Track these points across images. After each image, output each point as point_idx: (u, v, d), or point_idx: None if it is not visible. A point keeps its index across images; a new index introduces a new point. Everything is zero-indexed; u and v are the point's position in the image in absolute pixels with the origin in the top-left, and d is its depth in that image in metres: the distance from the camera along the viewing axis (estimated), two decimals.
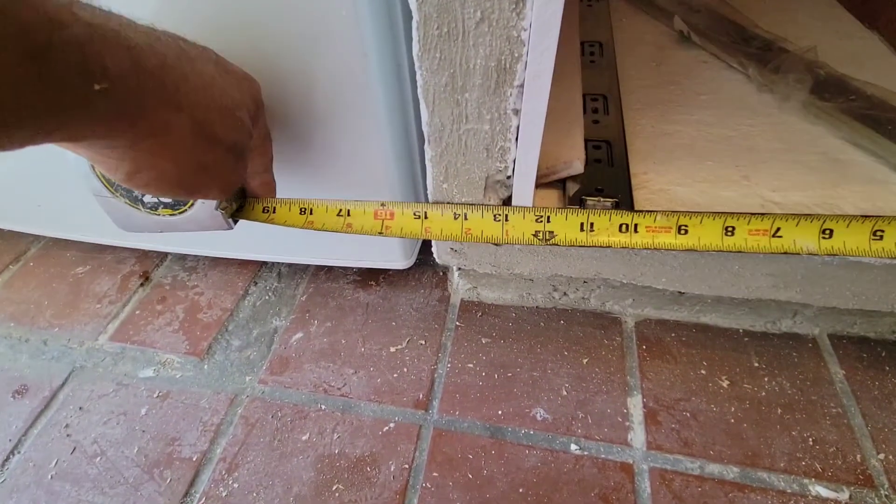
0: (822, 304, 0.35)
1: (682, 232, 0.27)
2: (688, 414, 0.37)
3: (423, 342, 0.42)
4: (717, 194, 0.32)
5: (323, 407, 0.39)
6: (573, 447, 0.35)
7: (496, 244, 0.32)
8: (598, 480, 0.34)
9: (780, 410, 0.36)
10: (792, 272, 0.33)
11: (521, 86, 0.26)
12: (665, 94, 0.41)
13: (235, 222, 0.31)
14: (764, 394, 0.37)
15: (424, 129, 0.30)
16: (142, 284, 0.49)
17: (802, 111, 0.37)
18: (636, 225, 0.28)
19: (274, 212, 0.31)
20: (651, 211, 0.28)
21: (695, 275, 0.35)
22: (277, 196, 0.32)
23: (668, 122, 0.38)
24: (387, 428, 0.37)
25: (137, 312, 0.47)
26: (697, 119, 0.38)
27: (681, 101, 0.40)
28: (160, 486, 0.35)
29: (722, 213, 0.27)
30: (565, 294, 0.44)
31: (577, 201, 0.31)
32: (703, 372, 0.39)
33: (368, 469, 0.35)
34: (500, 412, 0.38)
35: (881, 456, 0.34)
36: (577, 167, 0.31)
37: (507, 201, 0.32)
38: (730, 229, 0.27)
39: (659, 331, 0.42)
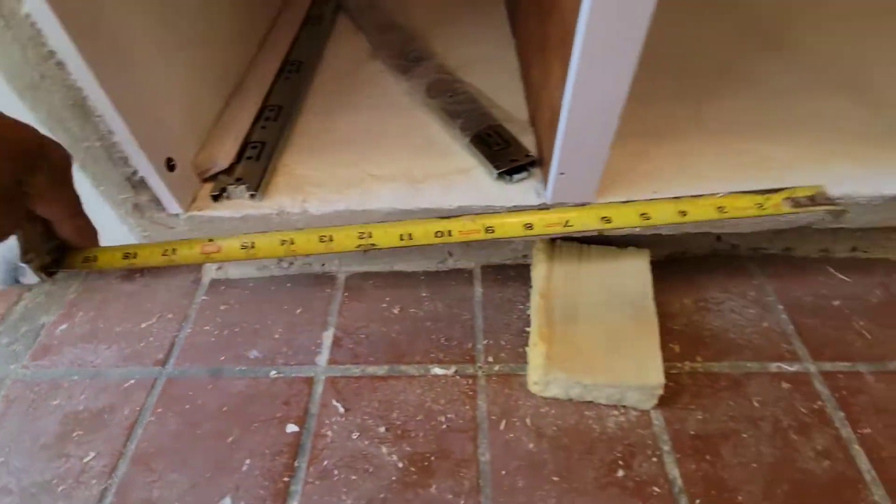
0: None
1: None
2: (363, 336, 0.50)
3: (171, 315, 0.52)
4: (333, 172, 0.45)
5: (76, 378, 0.48)
6: (272, 373, 0.47)
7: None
8: (285, 391, 0.46)
9: (429, 324, 0.51)
10: None
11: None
12: (343, 100, 0.54)
13: (51, 274, 0.30)
14: (422, 314, 0.51)
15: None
16: None
17: (424, 108, 0.51)
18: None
19: (95, 260, 0.31)
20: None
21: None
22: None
23: (333, 122, 0.51)
24: (127, 384, 0.47)
25: None
26: (356, 119, 0.51)
27: (352, 105, 0.53)
28: None
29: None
30: (292, 263, 0.55)
31: (220, 190, 0.42)
32: (384, 305, 0.52)
33: (106, 416, 0.45)
34: (222, 358, 0.48)
35: (485, 341, 0.49)
36: (221, 164, 0.43)
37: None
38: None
39: (361, 280, 0.55)
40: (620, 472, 0.40)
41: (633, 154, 0.46)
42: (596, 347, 0.42)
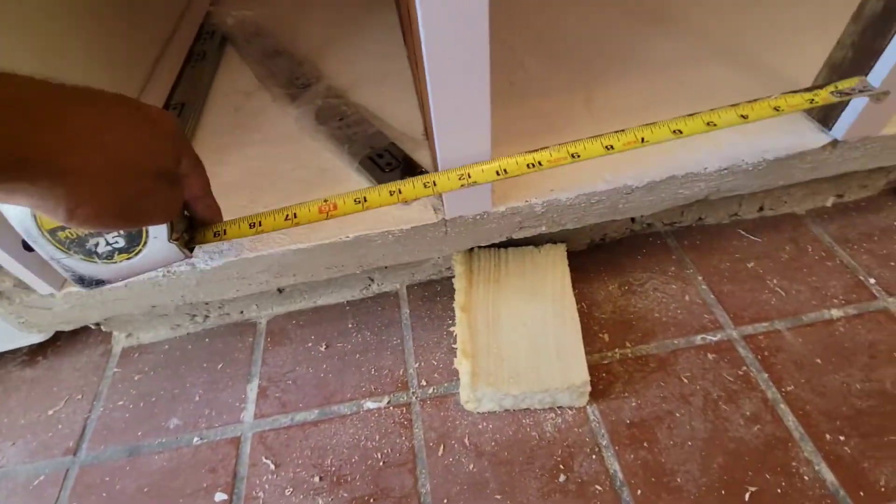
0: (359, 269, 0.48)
1: (575, 157, 0.34)
2: (290, 382, 0.47)
3: (81, 396, 0.48)
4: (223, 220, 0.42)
5: None
6: (195, 440, 0.44)
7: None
8: (210, 458, 0.43)
9: (358, 356, 0.49)
10: (346, 256, 0.45)
11: None
12: (232, 139, 0.51)
13: (191, 250, 0.32)
14: (350, 346, 0.50)
15: None
16: None
17: (314, 135, 0.49)
18: (539, 162, 0.34)
19: (225, 233, 0.33)
20: (545, 147, 0.34)
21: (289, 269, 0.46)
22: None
23: (222, 165, 0.48)
24: (37, 482, 0.43)
25: None
26: (246, 157, 0.49)
27: (241, 143, 0.51)
28: None
29: (599, 135, 0.34)
30: (207, 316, 0.52)
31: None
32: (309, 344, 0.50)
33: None
34: (139, 433, 0.45)
35: (416, 365, 0.47)
36: None
37: None
38: (609, 147, 0.34)
39: (284, 322, 0.53)
40: (562, 477, 0.39)
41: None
42: (520, 354, 0.41)
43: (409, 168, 0.43)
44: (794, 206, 0.56)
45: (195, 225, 0.33)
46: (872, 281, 0.49)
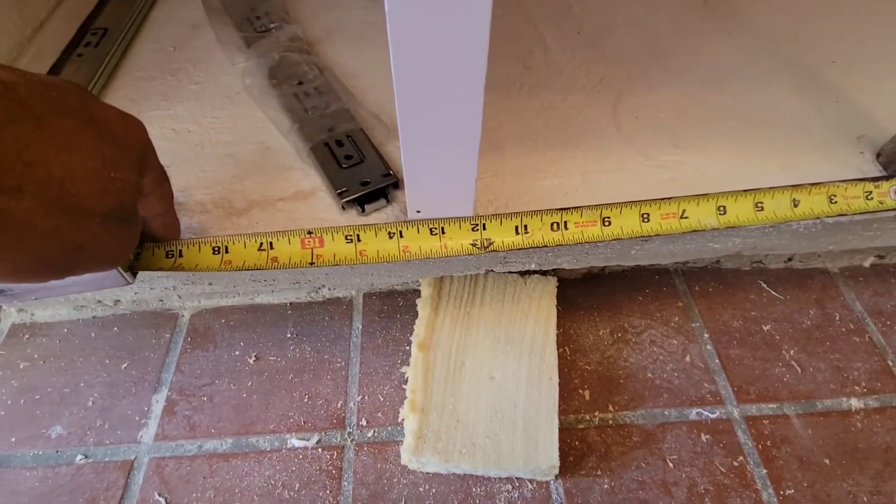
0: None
1: (606, 224, 0.30)
2: (205, 398, 0.40)
3: None
4: None
5: None
6: (78, 458, 0.36)
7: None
8: (93, 484, 0.35)
9: (291, 376, 0.41)
10: None
11: None
12: (158, 88, 0.40)
13: (135, 275, 0.28)
14: (284, 362, 0.41)
15: None
16: None
17: (263, 99, 0.38)
18: (566, 222, 0.30)
19: (181, 255, 0.28)
20: (576, 207, 0.30)
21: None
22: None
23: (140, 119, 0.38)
24: None
25: None
26: (171, 115, 0.38)
27: (168, 95, 0.40)
28: None
29: (637, 201, 0.30)
30: (118, 300, 0.44)
31: None
32: (236, 353, 0.42)
33: None
34: (13, 439, 0.37)
35: (359, 398, 0.40)
36: None
37: None
38: (645, 216, 0.30)
39: (211, 319, 0.44)
40: None
41: (536, 167, 0.36)
42: (480, 417, 0.34)
43: (373, 166, 0.33)
44: (827, 261, 0.48)
45: (142, 240, 0.27)
46: None
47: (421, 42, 0.20)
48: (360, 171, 0.32)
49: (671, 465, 0.37)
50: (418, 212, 0.28)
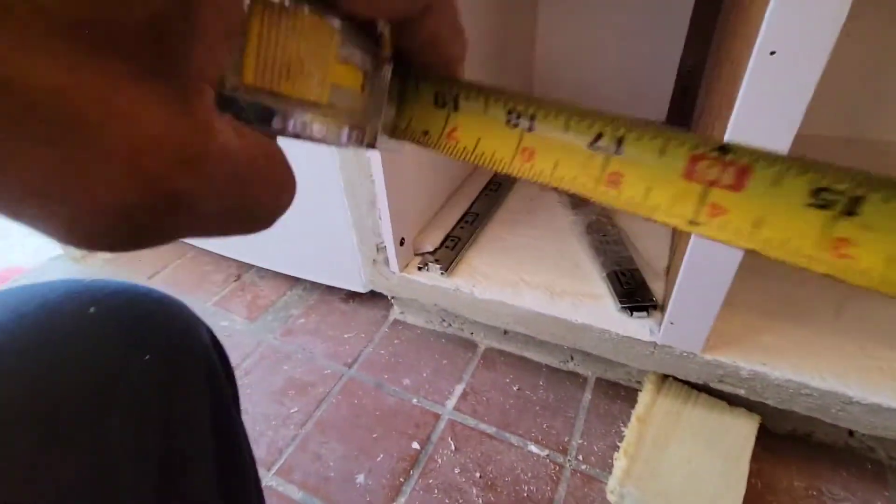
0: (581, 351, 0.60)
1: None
2: (485, 398, 0.63)
3: (363, 335, 0.74)
4: (498, 271, 0.61)
5: (300, 356, 0.71)
6: (414, 400, 0.63)
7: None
8: (419, 417, 0.61)
9: (538, 408, 0.61)
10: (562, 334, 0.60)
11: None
12: (522, 218, 0.71)
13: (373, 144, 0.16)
14: (535, 398, 0.62)
15: None
16: (235, 280, 0.88)
17: (580, 239, 0.64)
18: None
19: (455, 108, 0.15)
20: None
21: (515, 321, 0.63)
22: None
23: (510, 234, 0.68)
24: (326, 372, 0.68)
25: (229, 293, 0.85)
26: (528, 235, 0.68)
27: (527, 223, 0.70)
28: None
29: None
30: (449, 325, 0.73)
31: (424, 264, 0.62)
32: (507, 380, 0.65)
33: (309, 388, 0.66)
34: (386, 376, 0.67)
35: (580, 441, 0.57)
36: (428, 248, 0.63)
37: None
38: None
39: (496, 355, 0.69)
40: None
41: (753, 327, 0.51)
42: (674, 483, 0.47)
43: (640, 294, 0.54)
44: None
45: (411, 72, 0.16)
46: None
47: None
48: (635, 293, 0.54)
49: None
50: (671, 323, 0.47)
